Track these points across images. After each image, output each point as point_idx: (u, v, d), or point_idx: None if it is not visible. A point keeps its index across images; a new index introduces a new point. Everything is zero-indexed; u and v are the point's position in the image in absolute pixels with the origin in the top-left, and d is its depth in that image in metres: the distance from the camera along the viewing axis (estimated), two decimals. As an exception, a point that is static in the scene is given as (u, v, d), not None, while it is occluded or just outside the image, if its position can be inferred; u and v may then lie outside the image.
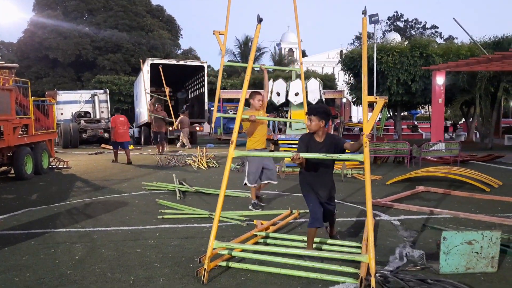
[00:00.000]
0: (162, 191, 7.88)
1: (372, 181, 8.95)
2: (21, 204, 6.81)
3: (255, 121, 6.17)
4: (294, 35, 64.58)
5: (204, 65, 20.19)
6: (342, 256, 3.65)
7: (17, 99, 9.20)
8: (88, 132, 19.82)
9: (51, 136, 11.28)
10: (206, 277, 3.52)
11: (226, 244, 4.00)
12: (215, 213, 5.76)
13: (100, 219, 5.82)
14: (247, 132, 6.36)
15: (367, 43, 4.05)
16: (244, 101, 4.51)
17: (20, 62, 37.79)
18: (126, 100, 35.96)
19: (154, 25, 43.37)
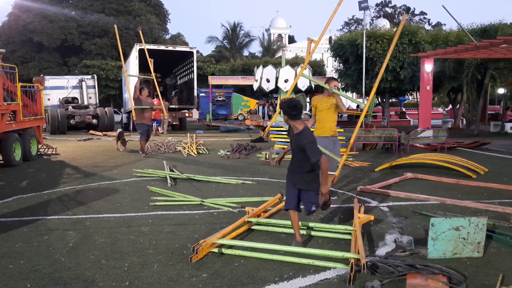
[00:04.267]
0: (153, 178, 7.89)
1: (360, 168, 9.07)
2: (11, 191, 6.78)
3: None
4: (283, 20, 64.32)
5: (193, 51, 20.05)
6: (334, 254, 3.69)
7: (4, 85, 9.06)
8: (76, 118, 19.64)
9: (39, 122, 11.17)
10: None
11: (228, 241, 4.05)
12: (206, 200, 5.86)
13: (92, 206, 5.83)
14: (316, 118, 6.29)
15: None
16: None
17: (5, 46, 36.98)
18: (113, 85, 35.57)
19: (141, 10, 42.69)
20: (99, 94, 27.75)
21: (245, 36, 48.10)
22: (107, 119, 20.04)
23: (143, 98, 11.04)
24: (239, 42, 48.70)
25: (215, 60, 42.14)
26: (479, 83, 18.34)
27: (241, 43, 49.05)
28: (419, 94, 17.48)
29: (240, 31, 48.30)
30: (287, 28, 64.21)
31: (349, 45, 21.42)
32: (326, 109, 6.22)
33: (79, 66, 36.46)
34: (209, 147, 12.79)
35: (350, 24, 62.39)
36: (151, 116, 11.20)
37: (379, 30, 21.75)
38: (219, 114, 26.15)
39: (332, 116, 6.19)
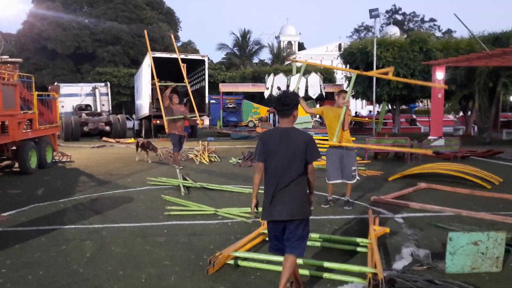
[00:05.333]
0: (166, 186, 7.94)
1: (373, 177, 9.04)
2: (28, 199, 6.87)
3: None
4: (292, 27, 64.46)
5: (205, 59, 20.20)
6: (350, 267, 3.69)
7: (21, 94, 9.22)
8: (89, 125, 19.87)
9: (55, 130, 11.33)
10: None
11: (244, 254, 4.07)
12: (220, 210, 5.89)
13: (108, 215, 5.89)
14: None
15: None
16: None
17: (19, 54, 37.60)
18: (125, 92, 35.94)
19: (153, 18, 43.17)
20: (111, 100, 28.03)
21: (255, 43, 48.26)
22: (120, 126, 20.23)
23: (174, 106, 10.24)
24: (249, 50, 48.89)
25: (225, 67, 42.37)
26: (491, 90, 18.20)
27: (251, 51, 49.24)
28: (431, 102, 17.40)
29: (249, 38, 48.54)
30: (296, 35, 64.35)
31: (359, 52, 21.45)
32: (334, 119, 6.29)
33: (92, 73, 36.91)
34: (221, 155, 12.83)
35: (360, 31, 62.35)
36: (183, 125, 10.34)
37: (390, 38, 21.72)
38: (230, 121, 26.26)
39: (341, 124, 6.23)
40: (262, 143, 3.25)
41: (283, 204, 3.11)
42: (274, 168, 3.17)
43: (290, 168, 3.13)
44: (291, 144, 3.14)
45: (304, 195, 3.19)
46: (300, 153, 3.12)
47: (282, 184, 3.13)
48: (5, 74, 8.40)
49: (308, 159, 3.14)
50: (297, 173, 3.13)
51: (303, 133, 3.27)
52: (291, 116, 3.21)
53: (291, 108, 3.20)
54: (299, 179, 3.14)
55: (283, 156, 3.14)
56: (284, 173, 3.13)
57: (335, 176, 6.34)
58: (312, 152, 3.15)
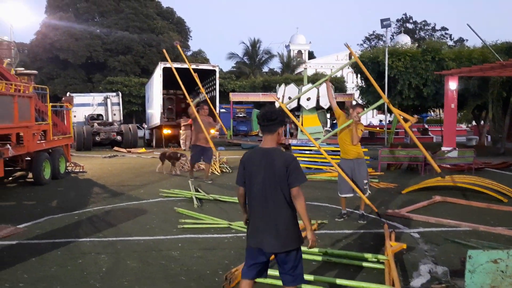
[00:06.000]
0: (179, 198, 7.95)
1: (386, 189, 8.97)
2: (43, 211, 6.92)
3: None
4: (302, 36, 64.63)
5: (216, 69, 20.30)
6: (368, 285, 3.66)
7: (36, 105, 9.33)
8: (101, 135, 20.02)
9: (68, 141, 11.43)
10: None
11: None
12: (234, 223, 5.87)
13: (122, 227, 5.91)
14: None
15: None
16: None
17: (32, 63, 38.17)
18: (136, 101, 36.20)
19: (164, 28, 43.57)
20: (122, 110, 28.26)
21: (264, 52, 48.46)
22: (131, 136, 20.37)
23: (202, 117, 9.80)
24: (259, 59, 49.09)
25: (235, 76, 42.54)
26: (504, 100, 18.01)
27: (261, 60, 49.43)
28: (443, 112, 17.27)
29: (259, 47, 48.76)
30: (306, 44, 64.50)
31: (371, 62, 21.36)
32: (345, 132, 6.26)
33: (103, 83, 37.26)
34: (232, 165, 12.82)
35: (370, 39, 62.26)
36: (206, 137, 9.81)
37: (401, 48, 21.64)
38: (240, 130, 26.26)
39: (348, 138, 6.22)
40: (242, 166, 3.06)
41: (272, 235, 2.89)
42: (255, 192, 2.96)
43: (272, 193, 2.90)
44: (272, 167, 2.90)
45: (292, 222, 2.94)
46: (282, 176, 2.88)
47: (266, 210, 2.92)
48: (21, 86, 8.50)
49: (290, 182, 2.88)
50: (281, 198, 2.90)
51: (286, 154, 3.00)
52: (275, 133, 2.99)
53: (276, 124, 2.98)
54: (284, 204, 2.91)
55: (264, 180, 2.92)
56: (266, 198, 2.91)
57: (347, 190, 6.30)
58: (294, 175, 2.88)
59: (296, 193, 2.89)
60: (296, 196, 2.89)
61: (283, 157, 2.94)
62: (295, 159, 2.97)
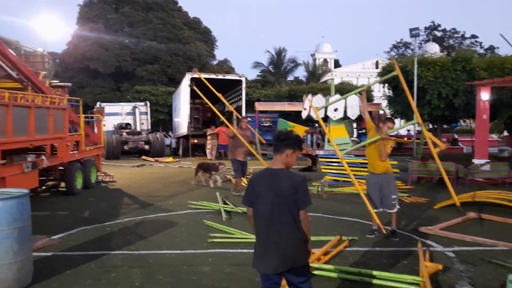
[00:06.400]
0: (207, 210, 7.99)
1: (417, 204, 8.77)
2: (75, 221, 7.06)
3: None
4: (328, 45, 64.45)
5: (242, 79, 20.44)
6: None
7: (69, 117, 9.58)
8: (129, 144, 20.38)
9: (99, 151, 11.67)
10: None
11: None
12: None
13: (152, 240, 5.97)
14: None
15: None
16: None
17: (64, 73, 39.32)
18: (163, 110, 36.73)
19: (191, 37, 44.20)
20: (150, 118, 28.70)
21: (290, 61, 48.50)
22: (159, 145, 20.66)
23: (241, 131, 9.66)
24: (284, 67, 49.16)
25: (260, 85, 42.69)
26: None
27: (286, 68, 49.50)
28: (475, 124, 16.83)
29: (285, 56, 48.84)
30: (332, 52, 64.27)
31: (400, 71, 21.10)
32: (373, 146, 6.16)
33: (131, 92, 37.98)
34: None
35: (398, 47, 61.46)
36: (247, 151, 9.65)
37: (431, 57, 21.27)
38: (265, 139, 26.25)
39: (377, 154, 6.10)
40: (251, 186, 3.06)
41: (278, 256, 2.88)
42: (262, 214, 2.95)
43: (280, 214, 2.90)
44: (279, 188, 2.91)
45: (300, 241, 2.93)
46: (289, 198, 2.89)
47: (273, 232, 2.91)
48: (56, 99, 8.75)
49: (300, 204, 2.91)
50: (289, 219, 2.90)
51: (294, 175, 2.99)
52: (283, 153, 3.00)
53: (285, 145, 3.00)
54: (292, 225, 2.91)
55: (271, 201, 2.91)
56: (273, 220, 2.91)
57: (375, 205, 6.20)
58: (303, 198, 2.90)
59: (303, 215, 2.94)
60: (303, 218, 2.94)
61: (292, 178, 2.96)
62: (303, 181, 2.98)
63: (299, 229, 2.94)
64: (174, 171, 15.00)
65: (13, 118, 6.80)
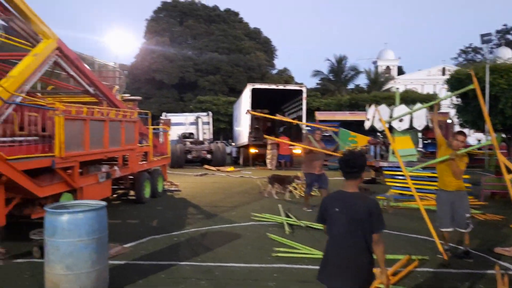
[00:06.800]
0: (270, 222, 8.02)
1: (492, 222, 8.25)
2: (145, 230, 7.38)
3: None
4: (391, 52, 62.70)
5: (303, 89, 20.41)
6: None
7: (139, 129, 10.06)
8: (192, 153, 21.02)
9: (165, 161, 12.14)
10: None
11: None
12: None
13: (218, 252, 6.09)
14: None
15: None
16: None
17: (132, 84, 41.40)
18: (223, 119, 37.54)
19: (251, 47, 44.91)
20: (211, 128, 29.45)
21: (350, 69, 47.71)
22: (220, 154, 21.10)
23: (316, 143, 9.38)
24: (344, 75, 48.45)
25: (320, 93, 42.37)
26: None
27: (346, 76, 48.75)
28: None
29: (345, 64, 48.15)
30: (395, 59, 62.42)
31: (468, 79, 20.06)
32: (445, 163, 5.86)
33: (193, 102, 39.22)
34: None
35: (467, 52, 58.43)
36: (321, 164, 9.36)
37: (504, 64, 20.04)
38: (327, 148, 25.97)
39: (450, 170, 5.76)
40: (324, 207, 3.18)
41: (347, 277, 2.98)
42: (335, 235, 3.08)
43: (353, 238, 2.99)
44: (355, 212, 2.99)
45: (369, 266, 3.02)
46: (363, 222, 2.96)
47: (344, 253, 3.01)
48: (127, 112, 9.24)
49: (373, 229, 2.97)
50: (362, 243, 2.99)
51: (368, 199, 3.07)
52: (358, 178, 3.10)
53: (360, 170, 3.09)
54: (364, 249, 2.99)
55: (344, 224, 3.01)
56: (345, 242, 3.02)
57: (446, 224, 5.89)
58: (377, 222, 2.97)
59: (378, 239, 2.99)
60: (378, 242, 3.00)
61: (366, 202, 3.03)
62: (377, 205, 3.04)
63: (370, 253, 3.03)
64: (236, 180, 15.22)
65: (90, 132, 7.27)
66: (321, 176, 9.34)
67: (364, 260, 3.00)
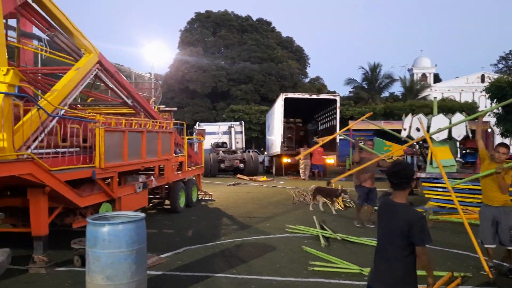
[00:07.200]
0: (305, 234, 7.93)
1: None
2: (181, 241, 7.44)
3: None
4: (427, 59, 61.35)
5: (337, 98, 20.22)
6: None
7: (175, 139, 10.22)
8: (225, 163, 21.16)
9: (200, 171, 12.27)
10: None
11: None
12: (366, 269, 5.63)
13: (253, 265, 6.06)
14: None
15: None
16: None
17: (166, 94, 42.24)
18: (255, 128, 37.69)
19: (283, 56, 45.06)
20: (244, 137, 29.58)
21: (385, 77, 46.96)
22: (253, 164, 21.14)
23: (366, 154, 8.86)
24: (378, 83, 47.72)
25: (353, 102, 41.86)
26: None
27: (381, 84, 48.00)
28: None
29: (379, 72, 47.45)
30: (432, 67, 60.98)
31: (510, 87, 19.36)
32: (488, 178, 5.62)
33: (226, 111, 39.59)
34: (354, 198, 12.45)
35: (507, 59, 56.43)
36: (373, 176, 8.86)
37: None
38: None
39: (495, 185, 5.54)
40: (378, 211, 3.32)
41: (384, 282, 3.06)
42: (379, 242, 3.21)
43: (390, 245, 3.07)
44: (396, 222, 3.04)
45: (403, 274, 3.00)
46: (403, 233, 2.98)
47: (384, 256, 3.12)
48: (164, 123, 9.40)
49: (414, 242, 2.96)
50: (398, 251, 3.01)
51: (412, 213, 3.02)
52: (407, 189, 3.12)
53: (408, 181, 3.10)
54: (401, 257, 3.00)
55: (386, 231, 3.12)
56: (385, 248, 3.12)
57: (489, 239, 5.65)
58: (417, 235, 2.94)
59: (420, 252, 2.98)
60: (420, 255, 2.98)
61: (407, 214, 3.02)
62: (420, 219, 2.98)
63: (405, 264, 3.01)
64: (269, 191, 15.18)
65: (129, 143, 7.43)
66: (372, 191, 8.87)
67: (399, 272, 3.00)
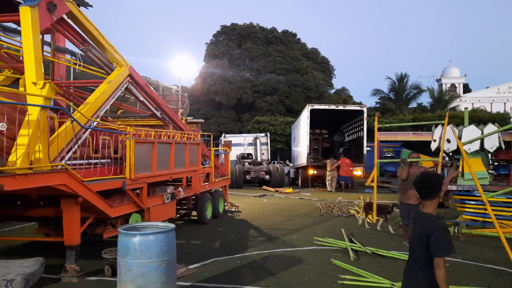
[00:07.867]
0: (333, 247, 7.81)
1: None
2: (208, 252, 7.45)
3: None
4: (456, 69, 60.17)
5: (364, 109, 19.99)
6: None
7: (202, 150, 10.31)
8: (251, 174, 21.16)
9: (226, 182, 12.30)
10: None
11: None
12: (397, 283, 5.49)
13: (282, 277, 6.00)
14: None
15: None
16: None
17: (192, 105, 42.71)
18: (281, 139, 37.63)
19: (309, 67, 44.98)
20: (269, 148, 29.55)
21: (413, 88, 46.24)
22: (279, 175, 21.06)
23: (415, 169, 8.07)
24: (406, 94, 47.01)
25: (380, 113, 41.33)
26: None
27: (408, 95, 47.26)
28: None
29: (407, 82, 46.76)
30: (461, 77, 59.72)
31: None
32: None
33: (251, 122, 39.72)
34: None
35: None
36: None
37: None
38: (387, 171, 25.10)
39: None
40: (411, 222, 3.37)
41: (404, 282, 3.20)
42: (409, 250, 3.25)
43: (414, 253, 3.12)
44: (419, 231, 3.08)
45: (422, 285, 3.01)
46: (422, 243, 3.00)
47: (406, 270, 3.21)
48: (191, 135, 9.50)
49: (432, 253, 2.94)
50: (420, 261, 3.03)
51: (433, 223, 3.01)
52: (435, 199, 3.11)
53: (436, 191, 3.09)
54: (417, 268, 3.05)
55: (412, 242, 3.18)
56: (412, 258, 3.16)
57: None
58: (435, 246, 2.91)
59: (436, 264, 2.93)
60: (436, 266, 2.93)
61: (430, 226, 3.01)
62: (441, 229, 2.96)
63: (424, 274, 3.00)
64: (295, 202, 15.08)
65: (158, 154, 7.53)
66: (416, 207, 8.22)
67: (417, 279, 3.02)
